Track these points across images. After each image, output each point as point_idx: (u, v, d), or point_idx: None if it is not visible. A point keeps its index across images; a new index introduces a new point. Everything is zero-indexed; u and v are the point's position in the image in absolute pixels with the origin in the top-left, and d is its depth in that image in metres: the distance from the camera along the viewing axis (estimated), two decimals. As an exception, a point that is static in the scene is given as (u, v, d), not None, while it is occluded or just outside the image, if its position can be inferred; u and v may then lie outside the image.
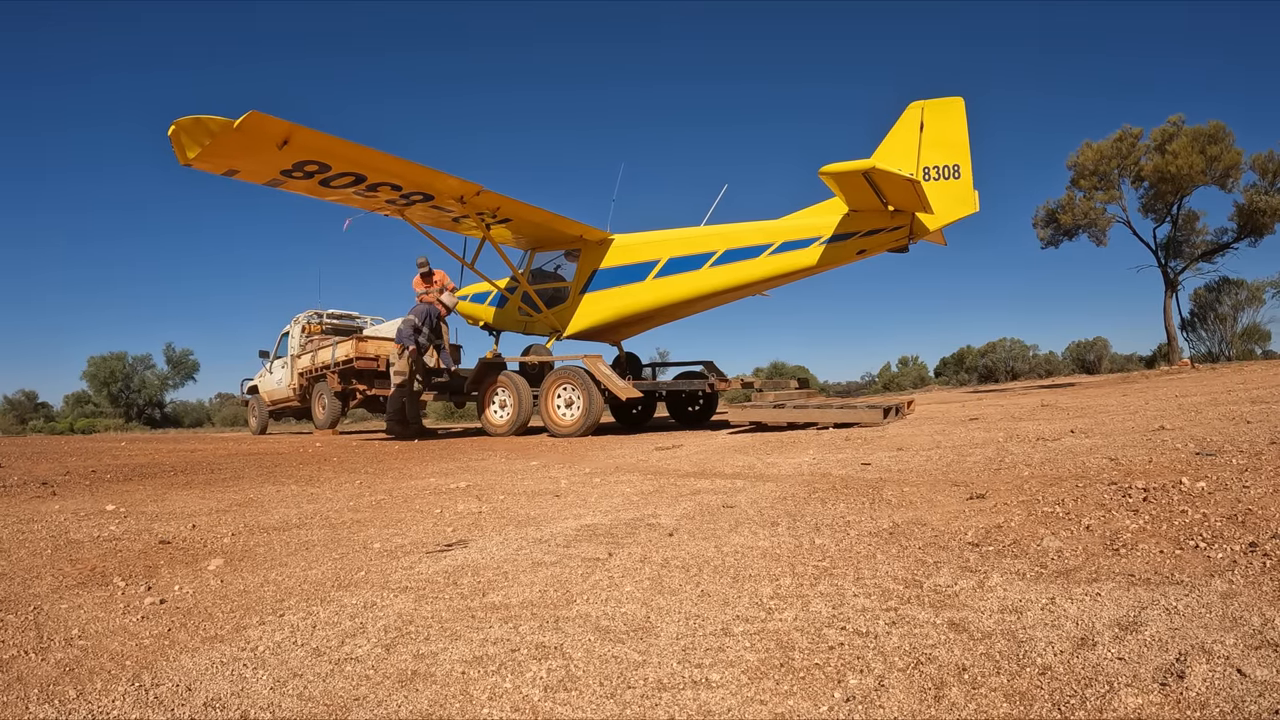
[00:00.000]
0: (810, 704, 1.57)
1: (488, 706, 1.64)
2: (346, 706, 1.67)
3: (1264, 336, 28.97)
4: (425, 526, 3.65)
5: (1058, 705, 1.48)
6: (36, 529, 3.76)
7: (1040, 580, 2.21)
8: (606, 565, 2.70)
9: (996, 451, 4.67)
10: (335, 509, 4.28)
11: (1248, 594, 1.92)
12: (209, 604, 2.47)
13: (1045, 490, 3.30)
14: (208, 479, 5.88)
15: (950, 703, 1.53)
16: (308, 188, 8.24)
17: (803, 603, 2.17)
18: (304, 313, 14.59)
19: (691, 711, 1.57)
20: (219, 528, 3.76)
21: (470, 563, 2.85)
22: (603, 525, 3.42)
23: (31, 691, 1.80)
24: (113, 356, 34.14)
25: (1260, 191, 21.64)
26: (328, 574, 2.80)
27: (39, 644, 2.12)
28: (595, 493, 4.42)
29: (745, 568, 2.57)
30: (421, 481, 5.39)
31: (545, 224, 9.95)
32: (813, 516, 3.31)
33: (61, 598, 2.57)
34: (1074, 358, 37.49)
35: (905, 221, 8.68)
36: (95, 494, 5.10)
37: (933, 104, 8.72)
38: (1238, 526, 2.45)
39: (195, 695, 1.76)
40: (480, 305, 11.46)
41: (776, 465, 5.09)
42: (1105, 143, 22.47)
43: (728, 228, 9.79)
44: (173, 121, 6.59)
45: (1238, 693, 1.45)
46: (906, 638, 1.86)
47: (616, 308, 10.24)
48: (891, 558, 2.58)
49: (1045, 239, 24.16)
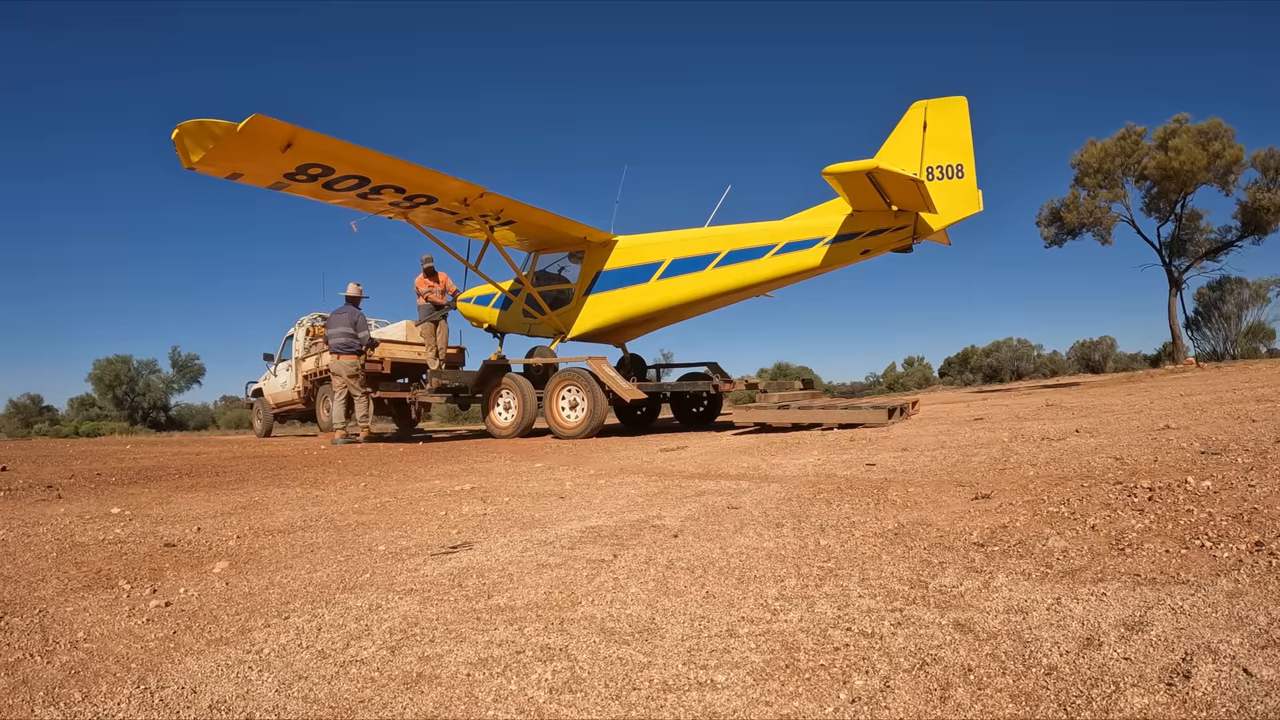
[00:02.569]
0: (816, 705, 1.57)
1: (493, 708, 1.64)
2: (352, 709, 1.67)
3: (1269, 335, 28.92)
4: (430, 529, 3.66)
5: (1063, 705, 1.48)
6: (42, 532, 3.77)
7: (1046, 580, 2.21)
8: (611, 567, 2.70)
9: (1001, 452, 4.66)
10: (340, 511, 4.29)
11: (1254, 593, 1.91)
12: (214, 607, 2.48)
13: (1050, 490, 3.29)
14: (212, 482, 5.90)
15: (956, 703, 1.52)
16: (311, 191, 8.25)
17: (808, 604, 2.17)
18: (308, 315, 14.61)
19: (697, 713, 1.57)
20: (224, 530, 3.77)
21: (475, 565, 2.85)
22: (607, 527, 3.42)
23: (37, 694, 1.81)
24: (118, 359, 34.26)
25: (1263, 189, 21.58)
26: (333, 576, 2.81)
27: (44, 647, 2.12)
28: (600, 494, 4.42)
29: (750, 569, 2.57)
30: (426, 484, 5.39)
31: (549, 226, 9.95)
32: (818, 517, 3.31)
33: (67, 601, 2.58)
34: (1079, 357, 37.40)
35: (909, 221, 8.66)
36: (100, 497, 5.11)
37: (936, 103, 8.70)
38: (1243, 525, 2.44)
39: (200, 698, 1.77)
40: (484, 307, 11.47)
41: (781, 466, 5.09)
42: (1109, 141, 22.41)
43: (731, 229, 9.78)
44: (176, 125, 6.61)
45: (1244, 692, 1.44)
46: (912, 638, 1.85)
47: (621, 309, 10.24)
48: (897, 558, 2.58)
49: (1049, 238, 24.10)
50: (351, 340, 10.09)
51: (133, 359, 34.71)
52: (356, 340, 10.13)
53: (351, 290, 10.37)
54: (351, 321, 10.07)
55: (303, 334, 14.32)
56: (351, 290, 10.37)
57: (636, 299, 10.12)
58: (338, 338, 10.04)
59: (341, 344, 10.04)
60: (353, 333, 10.04)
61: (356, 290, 10.36)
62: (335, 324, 10.12)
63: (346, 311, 10.17)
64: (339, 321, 10.08)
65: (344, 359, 10.08)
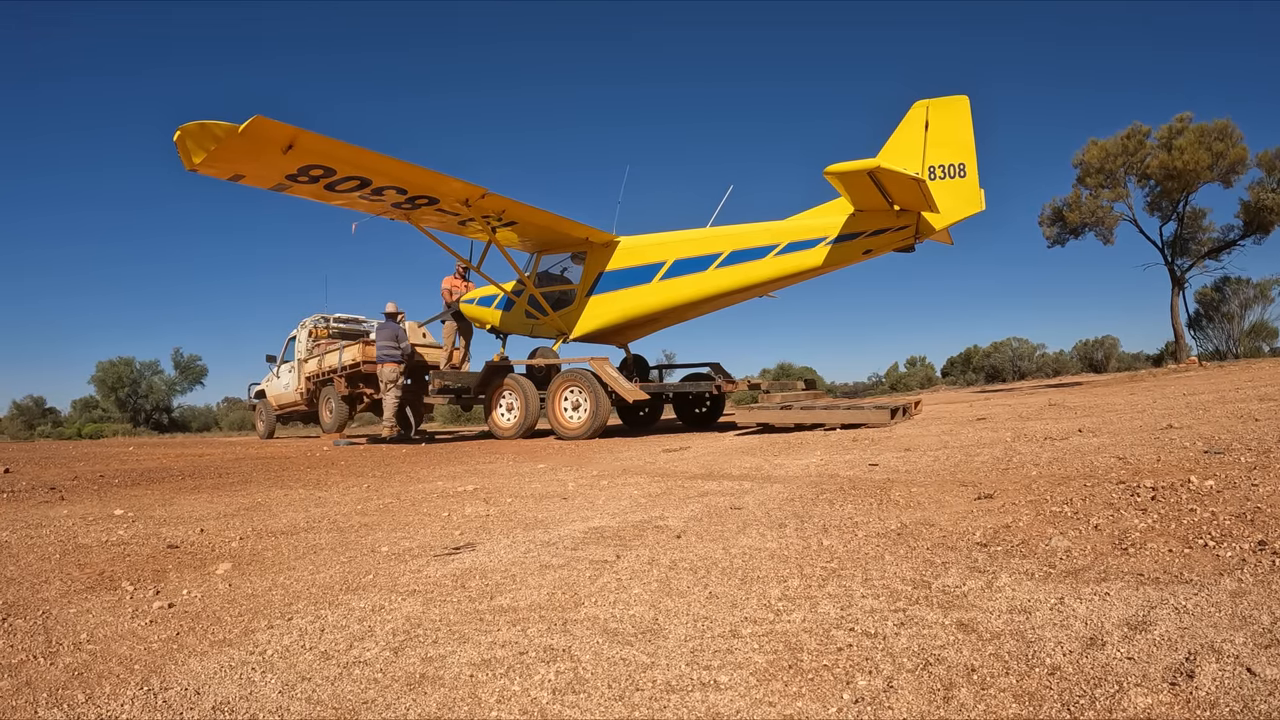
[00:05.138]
0: (819, 705, 1.57)
1: (496, 709, 1.64)
2: (355, 710, 1.68)
3: (1271, 334, 28.87)
4: (433, 530, 3.66)
5: (1067, 705, 1.48)
6: (45, 534, 3.78)
7: (1049, 580, 2.20)
8: (614, 567, 2.70)
9: (1004, 451, 4.65)
10: (343, 513, 4.29)
11: (1257, 592, 1.91)
12: (217, 608, 2.48)
13: (1053, 490, 3.28)
14: (215, 483, 5.90)
15: (959, 704, 1.52)
16: (313, 192, 8.27)
17: (811, 604, 2.17)
18: (311, 317, 14.63)
19: (700, 714, 1.57)
20: (227, 532, 3.78)
21: (478, 566, 2.86)
22: (610, 528, 3.42)
23: (40, 696, 1.81)
24: (120, 361, 34.29)
25: (1267, 189, 21.53)
26: (336, 577, 2.81)
27: (48, 648, 2.13)
28: (603, 495, 4.42)
29: (753, 569, 2.57)
30: (429, 485, 5.40)
31: (551, 226, 9.95)
32: (820, 518, 3.30)
33: (70, 602, 2.59)
34: (1081, 356, 37.33)
35: (911, 221, 8.64)
36: (103, 499, 5.12)
37: (938, 103, 8.69)
38: (1247, 525, 2.43)
39: (204, 699, 1.77)
40: (487, 309, 11.49)
41: (784, 466, 5.09)
42: (1111, 140, 22.36)
43: (733, 229, 9.77)
44: (178, 127, 6.62)
45: (1248, 692, 1.44)
46: (915, 639, 1.85)
47: (623, 310, 10.24)
48: (899, 558, 2.57)
49: (1052, 238, 24.04)
50: (393, 351, 11.13)
51: (135, 360, 34.78)
52: (398, 350, 11.14)
53: (390, 308, 11.57)
54: (394, 335, 11.10)
55: (305, 335, 14.33)
56: (390, 308, 11.57)
57: (639, 299, 10.12)
58: (382, 349, 11.08)
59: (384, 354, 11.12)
60: (395, 345, 11.08)
61: (394, 308, 11.57)
62: (381, 338, 11.13)
63: (389, 327, 11.18)
64: (384, 336, 11.09)
65: (386, 367, 11.03)
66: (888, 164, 7.87)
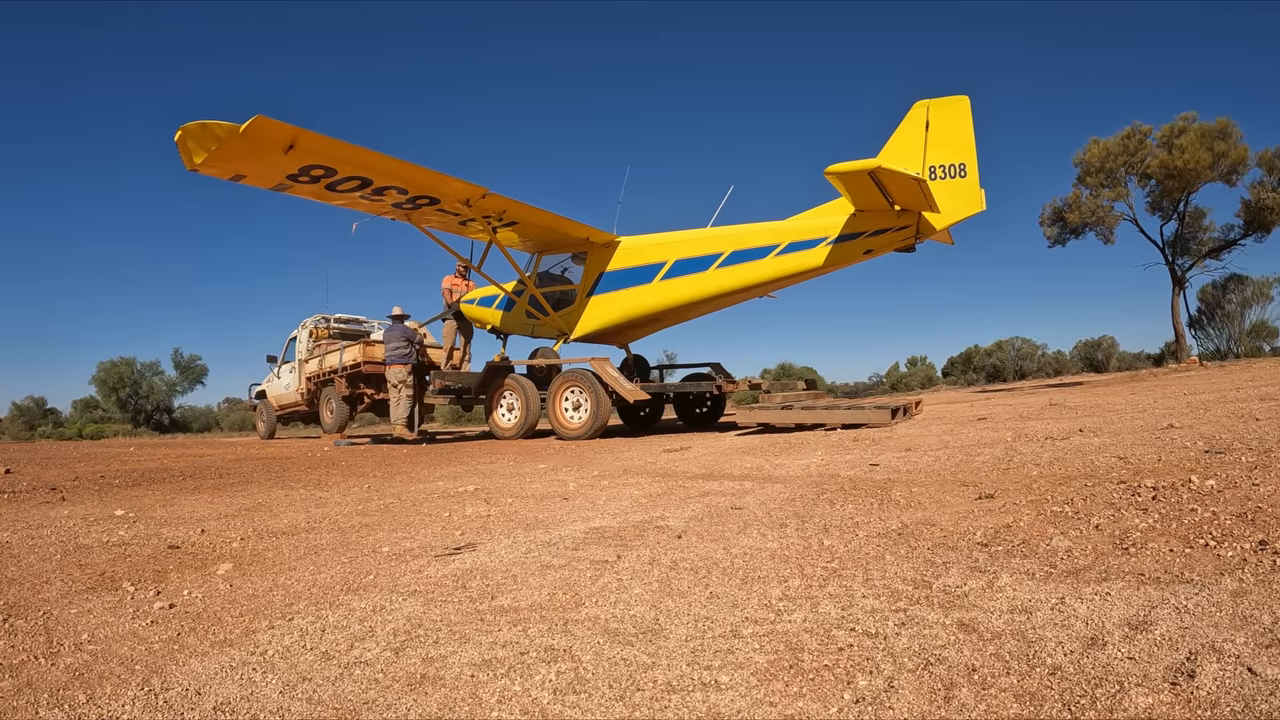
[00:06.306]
0: (820, 705, 1.57)
1: (497, 709, 1.64)
2: (356, 710, 1.68)
3: (1272, 333, 28.85)
4: (434, 530, 3.66)
5: (1068, 705, 1.48)
6: (46, 534, 3.78)
7: (1050, 580, 2.20)
8: (615, 568, 2.70)
9: (1005, 451, 4.65)
10: (344, 513, 4.29)
11: (1258, 592, 1.91)
12: (218, 608, 2.48)
13: (1054, 489, 3.28)
14: (216, 484, 5.91)
15: (960, 703, 1.52)
16: (314, 192, 8.27)
17: (812, 604, 2.17)
18: (311, 317, 14.64)
19: (701, 714, 1.57)
20: (228, 532, 3.78)
21: (479, 566, 2.86)
22: (611, 528, 3.42)
23: (41, 696, 1.81)
24: (121, 362, 34.28)
25: (1267, 188, 21.52)
26: (337, 578, 2.81)
27: (49, 649, 2.13)
28: (603, 495, 4.42)
29: (754, 569, 2.57)
30: (430, 485, 5.40)
31: (551, 226, 9.96)
32: (821, 518, 3.30)
33: (71, 603, 2.59)
34: (1082, 356, 37.32)
35: (912, 221, 8.65)
36: (104, 499, 5.12)
37: (938, 103, 8.69)
38: (1248, 524, 2.43)
39: (205, 699, 1.77)
40: (487, 309, 11.50)
41: (784, 466, 5.09)
42: (1112, 140, 22.37)
43: (734, 229, 9.77)
44: (179, 127, 6.62)
45: (1249, 691, 1.44)
46: (916, 638, 1.85)
47: (623, 310, 10.25)
48: (900, 558, 2.57)
49: (1052, 237, 24.06)
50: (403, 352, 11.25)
51: (136, 361, 34.77)
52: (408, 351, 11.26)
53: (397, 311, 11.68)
54: (404, 337, 11.20)
55: (306, 335, 14.34)
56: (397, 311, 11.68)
57: (639, 300, 10.13)
58: (391, 350, 11.18)
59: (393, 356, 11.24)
60: (405, 346, 11.20)
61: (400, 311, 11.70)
62: (390, 340, 11.23)
63: (398, 329, 11.26)
64: (393, 338, 11.20)
65: (394, 368, 11.12)
66: (888, 164, 7.87)
